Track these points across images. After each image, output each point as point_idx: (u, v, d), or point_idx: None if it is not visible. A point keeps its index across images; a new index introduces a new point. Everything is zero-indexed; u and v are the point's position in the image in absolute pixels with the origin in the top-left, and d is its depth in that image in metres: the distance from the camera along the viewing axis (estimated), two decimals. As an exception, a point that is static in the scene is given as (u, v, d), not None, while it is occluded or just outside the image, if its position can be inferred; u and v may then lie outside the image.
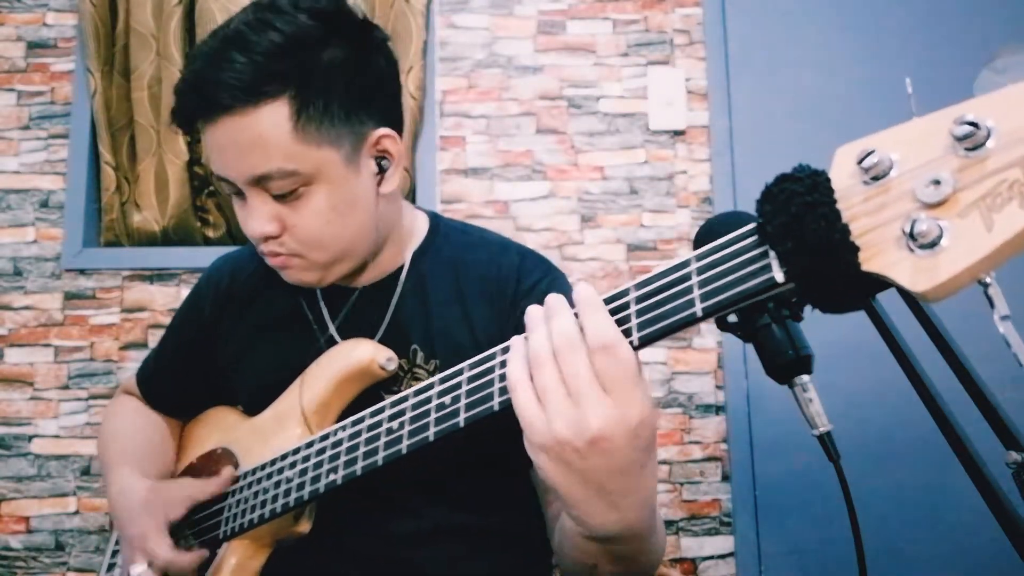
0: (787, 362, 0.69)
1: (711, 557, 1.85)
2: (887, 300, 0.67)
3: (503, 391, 0.57)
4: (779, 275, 0.46)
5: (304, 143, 0.77)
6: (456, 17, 2.05)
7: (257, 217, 0.80)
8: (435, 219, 0.99)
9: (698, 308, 0.49)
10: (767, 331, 0.74)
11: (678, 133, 2.01)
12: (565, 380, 0.50)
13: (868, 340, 0.79)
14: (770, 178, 0.47)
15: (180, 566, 0.81)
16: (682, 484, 1.88)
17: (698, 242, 0.74)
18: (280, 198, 0.80)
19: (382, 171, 0.85)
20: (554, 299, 0.54)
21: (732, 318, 0.79)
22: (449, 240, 0.96)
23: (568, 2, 2.06)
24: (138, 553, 0.83)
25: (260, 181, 0.79)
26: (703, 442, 1.90)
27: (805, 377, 0.72)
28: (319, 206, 0.80)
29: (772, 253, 0.46)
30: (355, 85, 0.80)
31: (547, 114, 2.02)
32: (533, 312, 0.54)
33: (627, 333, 0.52)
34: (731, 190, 1.98)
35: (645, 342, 0.51)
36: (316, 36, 0.78)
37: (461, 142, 2.01)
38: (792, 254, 0.44)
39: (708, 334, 1.93)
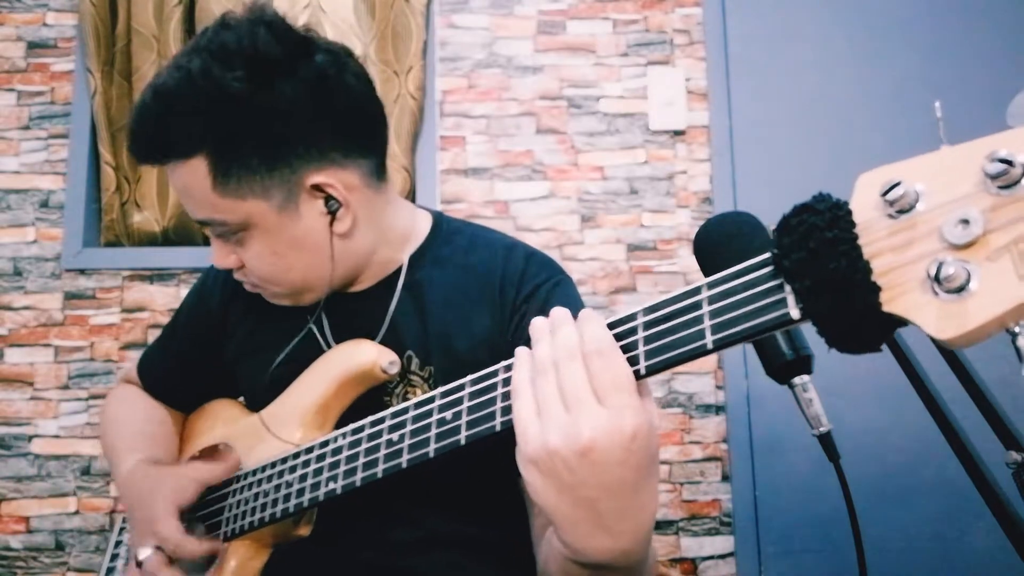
0: (787, 362, 0.69)
1: (711, 557, 1.85)
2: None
3: (505, 411, 0.56)
4: (795, 312, 0.43)
5: (226, 197, 0.78)
6: (456, 17, 2.05)
7: (216, 253, 0.85)
8: (438, 219, 0.96)
9: (708, 340, 0.47)
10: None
11: (678, 133, 2.01)
12: (562, 388, 0.49)
13: (868, 340, 0.79)
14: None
15: (189, 550, 0.78)
16: (682, 484, 1.88)
17: (697, 245, 0.74)
18: (226, 237, 0.82)
19: (332, 212, 0.82)
20: (559, 311, 0.54)
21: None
22: (451, 241, 0.93)
23: (568, 2, 2.06)
24: (147, 537, 0.80)
25: (203, 224, 0.82)
26: (703, 442, 1.90)
27: (805, 377, 0.72)
28: (258, 250, 0.82)
29: (788, 288, 0.44)
30: (280, 135, 0.77)
31: (547, 114, 2.02)
32: (539, 323, 0.54)
33: (634, 361, 0.50)
34: (731, 190, 1.98)
35: (652, 371, 0.50)
36: (240, 90, 0.74)
37: (461, 142, 2.01)
38: (810, 292, 0.42)
39: (708, 334, 1.93)
